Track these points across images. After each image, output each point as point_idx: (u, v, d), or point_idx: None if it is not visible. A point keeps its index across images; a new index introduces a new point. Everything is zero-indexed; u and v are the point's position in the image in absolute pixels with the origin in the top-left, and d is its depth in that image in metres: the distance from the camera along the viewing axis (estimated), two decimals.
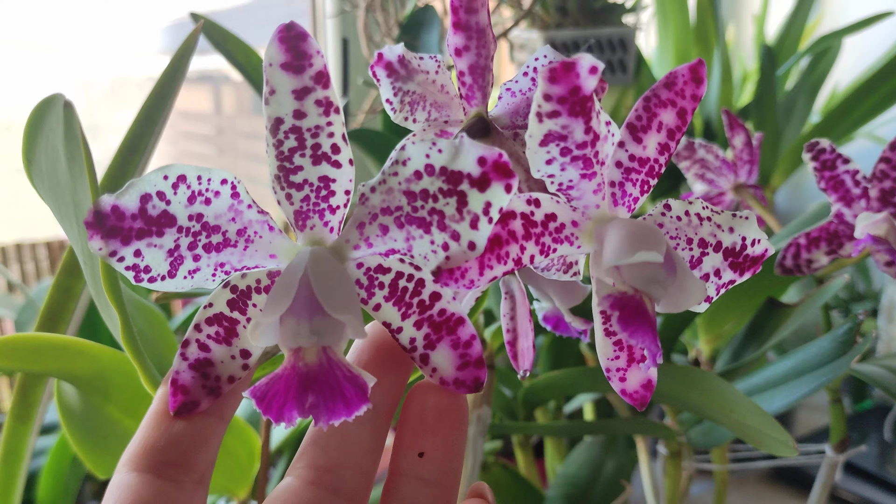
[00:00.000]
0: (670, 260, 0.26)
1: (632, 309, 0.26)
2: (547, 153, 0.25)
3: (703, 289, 0.26)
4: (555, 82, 0.23)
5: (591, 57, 0.23)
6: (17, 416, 0.41)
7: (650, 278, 0.26)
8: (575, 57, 0.23)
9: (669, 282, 0.26)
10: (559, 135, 0.24)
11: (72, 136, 0.29)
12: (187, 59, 0.39)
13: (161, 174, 0.23)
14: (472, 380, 0.26)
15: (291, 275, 0.23)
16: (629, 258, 0.25)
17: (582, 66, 0.23)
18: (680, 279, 0.26)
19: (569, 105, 0.23)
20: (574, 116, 0.24)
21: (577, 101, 0.23)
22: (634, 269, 0.26)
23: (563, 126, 0.24)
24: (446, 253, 0.23)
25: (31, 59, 1.41)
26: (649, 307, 0.26)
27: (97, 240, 0.23)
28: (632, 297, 0.26)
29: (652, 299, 0.26)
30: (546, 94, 0.23)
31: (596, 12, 0.90)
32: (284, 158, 0.24)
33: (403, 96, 0.34)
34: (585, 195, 0.26)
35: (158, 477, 0.24)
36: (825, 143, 0.47)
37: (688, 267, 0.27)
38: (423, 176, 0.23)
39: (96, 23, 1.47)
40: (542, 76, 0.23)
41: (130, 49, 1.52)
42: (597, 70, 0.23)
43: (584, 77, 0.23)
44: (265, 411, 0.23)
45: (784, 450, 0.43)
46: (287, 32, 0.22)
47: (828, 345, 0.48)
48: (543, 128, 0.24)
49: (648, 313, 0.26)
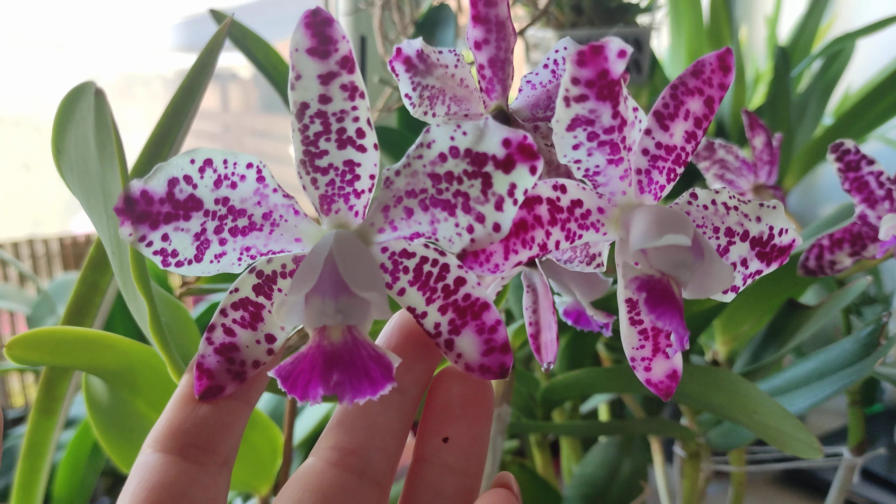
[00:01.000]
0: (698, 244, 0.26)
1: (659, 291, 0.26)
2: (574, 138, 0.24)
3: (730, 274, 0.26)
4: (583, 65, 0.23)
5: (620, 41, 0.23)
6: (42, 409, 0.41)
7: (678, 262, 0.26)
8: (604, 40, 0.23)
9: (697, 266, 0.26)
10: (586, 119, 0.24)
11: (103, 124, 0.29)
12: (216, 55, 0.39)
13: (188, 158, 0.23)
14: (497, 365, 0.26)
15: (317, 255, 0.24)
16: (657, 241, 0.25)
17: (611, 49, 0.22)
18: (707, 263, 0.26)
19: (597, 89, 0.23)
20: (602, 100, 0.23)
21: (605, 85, 0.23)
22: (662, 253, 0.26)
23: (591, 110, 0.24)
24: (471, 235, 0.23)
25: (38, 56, 1.41)
26: (676, 291, 0.26)
27: (127, 225, 0.23)
28: (659, 280, 0.26)
29: (679, 284, 0.26)
30: (574, 78, 0.23)
31: (611, 12, 0.90)
32: (310, 143, 0.24)
33: (423, 91, 0.34)
34: (612, 181, 0.26)
35: (183, 458, 0.24)
36: (850, 144, 0.47)
37: (715, 251, 0.26)
38: (447, 158, 0.23)
39: (105, 19, 1.47)
40: (571, 59, 0.23)
41: (139, 46, 1.52)
42: (625, 54, 0.23)
43: (613, 60, 0.23)
44: (290, 390, 0.23)
45: (809, 451, 0.42)
46: (313, 18, 0.22)
47: (850, 347, 0.48)
48: (571, 112, 0.24)
49: (675, 296, 0.26)
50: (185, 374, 0.26)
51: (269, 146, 1.87)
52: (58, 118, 0.32)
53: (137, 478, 0.24)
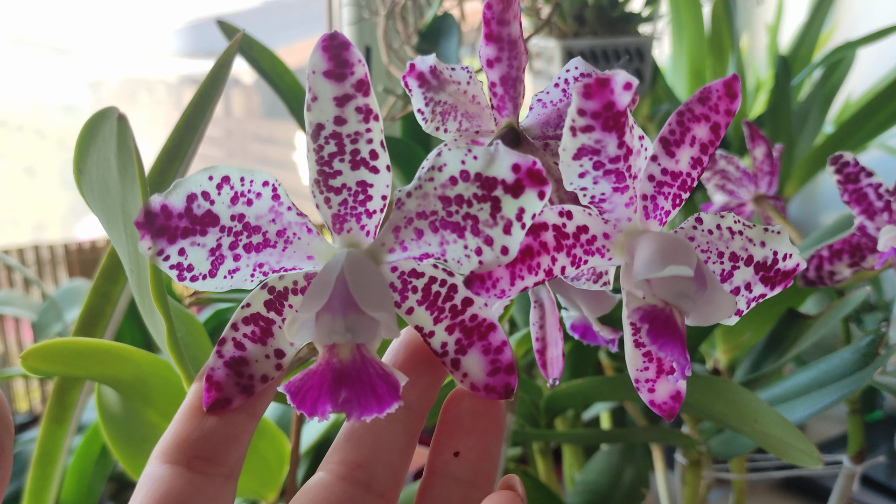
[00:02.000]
0: (700, 274, 0.26)
1: (661, 322, 0.26)
2: (580, 166, 0.25)
3: (732, 303, 0.27)
4: (589, 98, 0.23)
5: (626, 73, 0.23)
6: (54, 418, 0.41)
7: (680, 292, 0.26)
8: (609, 73, 0.23)
9: (699, 296, 0.26)
10: (592, 149, 0.24)
11: (125, 147, 0.30)
12: (227, 70, 0.40)
13: (206, 175, 0.24)
14: (502, 386, 0.26)
15: (328, 273, 0.24)
16: (660, 272, 0.25)
17: (616, 81, 0.23)
18: (710, 293, 0.26)
19: (602, 120, 0.24)
20: (608, 131, 0.24)
21: (610, 117, 0.24)
22: (665, 283, 0.26)
23: (597, 140, 0.24)
24: (479, 257, 0.24)
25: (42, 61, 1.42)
26: (679, 320, 0.27)
27: (147, 239, 0.24)
28: (661, 311, 0.27)
29: (682, 312, 0.27)
30: (580, 109, 0.23)
31: (613, 22, 0.90)
32: (324, 163, 0.24)
33: (435, 106, 0.34)
34: (617, 208, 0.27)
35: (189, 469, 0.25)
36: (849, 157, 0.48)
37: (718, 281, 0.27)
38: (458, 181, 0.23)
39: (108, 24, 1.47)
40: (577, 91, 0.23)
41: (143, 51, 1.53)
42: (631, 86, 0.23)
43: (619, 93, 0.23)
44: (299, 405, 0.23)
45: (808, 461, 0.43)
46: (331, 41, 0.23)
47: (850, 356, 0.48)
48: (577, 142, 0.24)
49: (678, 326, 0.26)
50: (194, 383, 0.27)
51: (272, 151, 1.88)
52: (80, 140, 0.33)
53: (145, 489, 0.24)
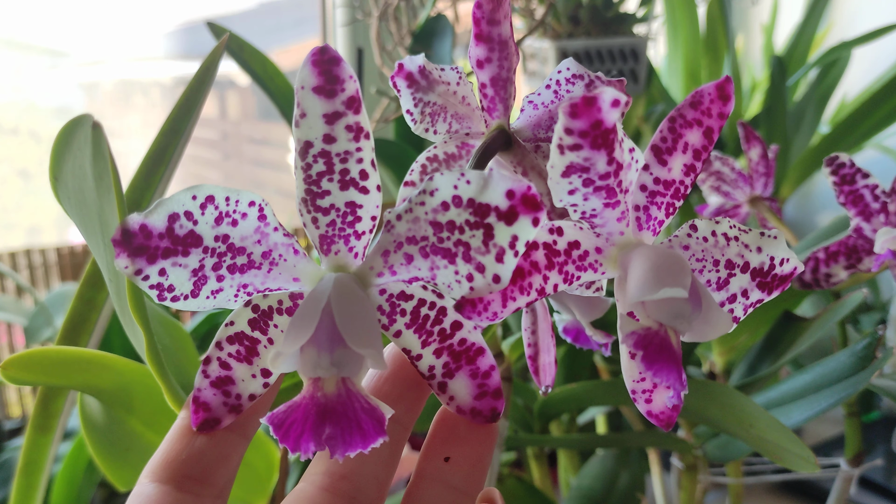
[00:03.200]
0: (695, 294, 0.26)
1: (655, 347, 0.26)
2: (569, 184, 0.24)
3: (728, 320, 0.26)
4: (576, 117, 0.22)
5: (614, 90, 0.22)
6: (38, 426, 0.41)
7: (675, 313, 0.26)
8: (596, 91, 0.22)
9: (695, 316, 0.26)
10: (581, 167, 0.24)
11: (100, 156, 0.29)
12: (213, 72, 0.39)
13: (190, 194, 0.23)
14: (489, 409, 0.26)
15: (314, 303, 0.23)
16: (653, 294, 0.25)
17: (604, 99, 0.22)
18: (705, 312, 0.26)
19: (591, 139, 0.23)
20: (596, 149, 0.23)
21: (598, 135, 0.23)
22: (659, 305, 0.26)
23: (585, 158, 0.24)
24: (470, 284, 0.23)
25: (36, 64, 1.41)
26: (674, 341, 0.26)
27: (123, 258, 0.23)
28: (656, 334, 0.26)
29: (677, 332, 0.26)
30: (567, 129, 0.23)
31: (607, 22, 0.90)
32: (312, 182, 0.23)
33: (424, 107, 0.34)
34: (609, 223, 0.26)
35: (178, 489, 0.25)
36: (845, 158, 0.47)
37: (713, 300, 0.26)
38: (450, 207, 0.23)
39: (102, 27, 1.47)
40: (563, 110, 0.22)
41: (136, 53, 1.53)
42: (619, 103, 0.22)
43: (607, 111, 0.22)
44: (282, 440, 0.23)
45: (805, 465, 0.43)
46: (321, 56, 0.22)
47: (847, 359, 0.48)
48: (565, 160, 0.24)
49: (673, 349, 0.26)
50: (184, 409, 0.26)
51: (267, 153, 1.87)
52: (55, 147, 0.32)
53: None
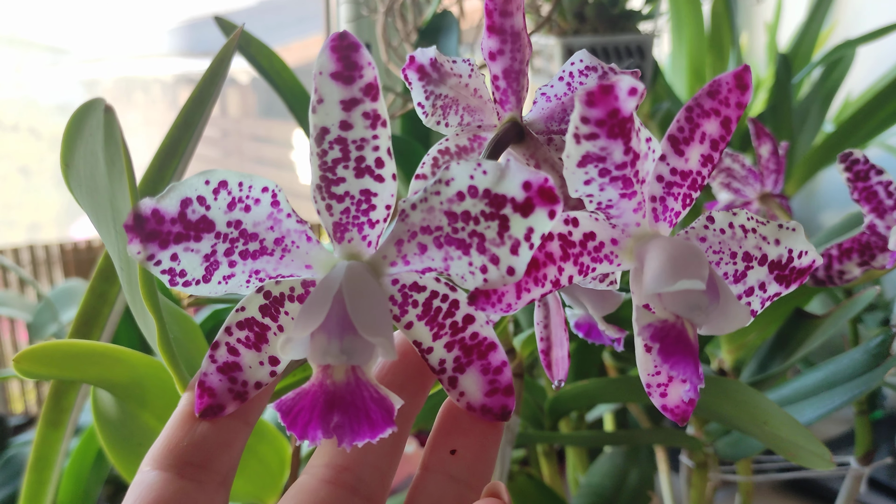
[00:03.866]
0: (713, 286, 0.25)
1: (672, 339, 0.26)
2: (585, 174, 0.24)
3: (746, 313, 0.26)
4: (592, 105, 0.22)
5: (631, 78, 0.22)
6: (50, 421, 0.40)
7: (693, 305, 0.25)
8: (614, 79, 0.22)
9: (712, 308, 0.25)
10: (598, 156, 0.23)
11: (112, 140, 0.29)
12: (226, 65, 0.39)
13: (203, 179, 0.23)
14: (499, 407, 0.26)
15: (326, 290, 0.23)
16: (671, 286, 0.24)
17: (621, 87, 0.22)
18: (723, 304, 0.25)
19: (607, 128, 0.23)
20: (613, 139, 0.23)
21: (615, 124, 0.23)
22: (676, 297, 0.25)
23: (602, 148, 0.23)
24: (484, 275, 0.23)
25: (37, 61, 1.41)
26: (691, 334, 0.26)
27: (136, 243, 0.23)
28: (672, 326, 0.26)
29: (694, 325, 0.26)
30: (583, 117, 0.22)
31: (613, 19, 0.90)
32: (327, 169, 0.23)
33: (435, 100, 0.33)
34: (625, 213, 0.26)
35: (180, 476, 0.24)
36: (859, 154, 0.47)
37: (731, 292, 0.26)
38: (465, 197, 0.22)
39: (103, 24, 1.47)
40: (580, 98, 0.22)
41: (138, 50, 1.52)
42: (636, 91, 0.22)
43: (624, 99, 0.22)
44: (289, 427, 0.23)
45: (820, 463, 0.42)
46: (340, 41, 0.22)
47: (860, 356, 0.48)
48: (581, 149, 0.23)
49: (690, 342, 0.26)
50: (186, 392, 0.26)
51: (268, 151, 1.87)
52: (67, 133, 0.32)
53: (134, 495, 0.24)
